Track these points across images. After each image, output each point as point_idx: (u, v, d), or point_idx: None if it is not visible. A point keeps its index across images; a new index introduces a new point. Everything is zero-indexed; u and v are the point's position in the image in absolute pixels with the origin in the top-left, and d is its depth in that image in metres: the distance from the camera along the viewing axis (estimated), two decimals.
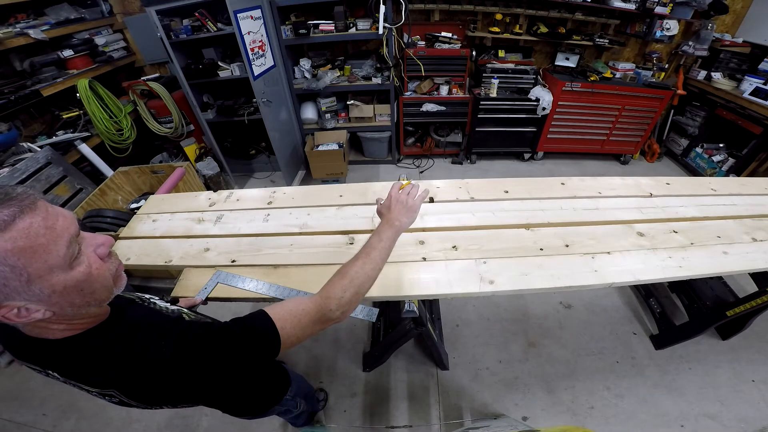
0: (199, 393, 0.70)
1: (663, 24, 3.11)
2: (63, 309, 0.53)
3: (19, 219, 0.46)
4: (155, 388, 0.63)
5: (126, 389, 0.61)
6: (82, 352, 0.59)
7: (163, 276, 2.36)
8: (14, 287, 0.47)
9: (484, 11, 3.20)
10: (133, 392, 0.62)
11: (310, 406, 1.54)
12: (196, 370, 0.62)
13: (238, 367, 0.65)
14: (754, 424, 1.70)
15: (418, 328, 1.52)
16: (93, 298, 0.56)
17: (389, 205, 0.92)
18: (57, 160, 2.31)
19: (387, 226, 0.86)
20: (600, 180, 1.61)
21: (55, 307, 0.52)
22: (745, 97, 3.00)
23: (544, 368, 1.95)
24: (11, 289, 0.47)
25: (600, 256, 1.21)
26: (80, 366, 0.60)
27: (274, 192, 1.56)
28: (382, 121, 3.64)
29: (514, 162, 3.97)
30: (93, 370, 0.60)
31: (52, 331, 0.57)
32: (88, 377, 0.61)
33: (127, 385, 0.61)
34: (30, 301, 0.49)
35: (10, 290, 0.47)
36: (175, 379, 0.62)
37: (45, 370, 0.63)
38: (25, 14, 2.58)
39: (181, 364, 0.60)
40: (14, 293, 0.47)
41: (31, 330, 0.57)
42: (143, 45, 3.31)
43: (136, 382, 0.61)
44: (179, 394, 0.67)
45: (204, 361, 0.62)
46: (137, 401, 0.65)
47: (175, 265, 1.23)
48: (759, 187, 1.63)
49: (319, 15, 3.16)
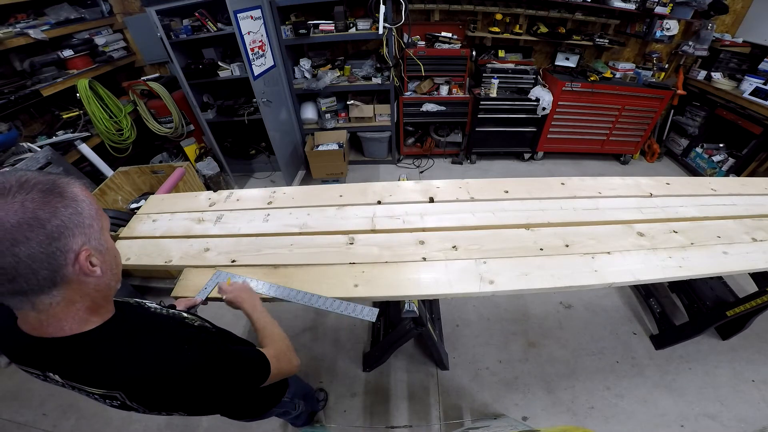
0: (210, 402, 0.69)
1: (663, 24, 3.11)
2: (105, 273, 0.58)
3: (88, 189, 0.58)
4: (172, 392, 0.62)
5: (134, 392, 0.60)
6: (88, 350, 0.58)
7: (163, 276, 2.36)
8: (95, 230, 0.56)
9: (484, 11, 3.20)
10: (141, 395, 0.61)
11: (309, 406, 1.54)
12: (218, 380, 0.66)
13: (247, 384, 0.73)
14: (754, 424, 1.70)
15: (418, 328, 1.52)
16: (118, 270, 0.63)
17: (237, 301, 1.00)
18: (57, 160, 2.31)
19: (253, 318, 0.96)
20: (600, 180, 1.61)
21: (105, 265, 0.58)
22: (745, 97, 3.00)
23: (544, 368, 1.95)
24: (93, 231, 0.56)
25: (600, 256, 1.21)
26: (85, 365, 0.59)
27: (274, 192, 1.56)
28: (382, 121, 3.64)
29: (514, 162, 3.97)
30: (99, 369, 0.59)
31: (71, 316, 0.56)
32: (92, 377, 0.59)
33: (137, 388, 0.60)
34: (96, 252, 0.56)
35: (92, 232, 0.55)
36: (195, 387, 0.63)
37: (44, 372, 0.61)
38: (25, 14, 2.58)
39: (209, 372, 0.65)
40: (93, 238, 0.55)
41: (45, 323, 0.56)
42: (143, 45, 3.31)
43: (150, 385, 0.60)
44: (191, 402, 0.66)
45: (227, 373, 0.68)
46: (143, 405, 0.64)
47: (175, 265, 1.23)
48: (759, 187, 1.63)
49: (319, 15, 3.16)
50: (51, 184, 0.51)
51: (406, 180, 1.66)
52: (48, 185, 0.50)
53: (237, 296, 0.99)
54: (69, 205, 0.51)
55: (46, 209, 0.49)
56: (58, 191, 0.51)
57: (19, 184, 0.48)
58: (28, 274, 0.48)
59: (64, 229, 0.50)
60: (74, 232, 0.52)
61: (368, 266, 1.18)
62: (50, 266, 0.50)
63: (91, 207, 0.55)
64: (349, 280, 1.13)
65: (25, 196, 0.48)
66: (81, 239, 0.53)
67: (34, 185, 0.49)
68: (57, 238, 0.50)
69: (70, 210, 0.51)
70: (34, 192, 0.49)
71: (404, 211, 1.40)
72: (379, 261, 1.20)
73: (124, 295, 2.20)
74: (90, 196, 0.57)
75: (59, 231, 0.50)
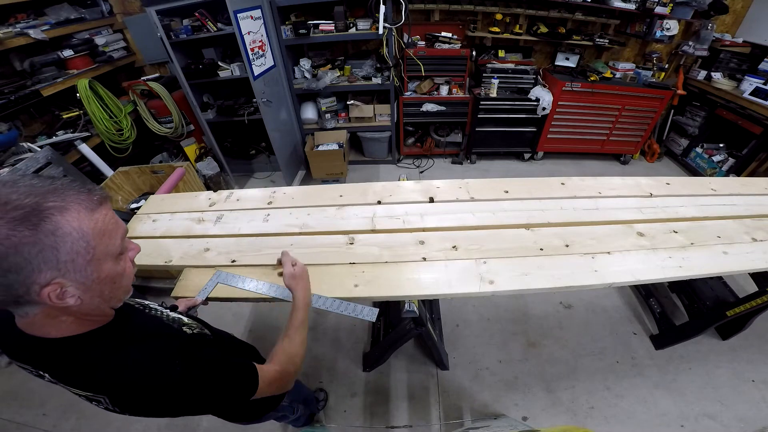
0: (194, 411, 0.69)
1: (663, 24, 3.11)
2: (92, 299, 0.55)
3: (102, 205, 0.54)
4: (155, 403, 0.62)
5: (118, 398, 0.60)
6: (78, 353, 0.58)
7: (163, 276, 2.36)
8: (78, 264, 0.50)
9: (484, 11, 3.20)
10: (124, 402, 0.61)
11: (309, 408, 1.54)
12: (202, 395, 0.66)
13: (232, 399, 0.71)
14: (754, 424, 1.70)
15: (418, 328, 1.52)
16: (116, 294, 0.59)
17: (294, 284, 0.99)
18: (57, 160, 2.30)
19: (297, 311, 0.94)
20: (600, 180, 1.60)
21: (87, 294, 0.54)
22: (745, 97, 3.00)
23: (544, 368, 1.95)
24: (74, 265, 0.50)
25: (600, 256, 1.21)
26: (70, 367, 0.59)
27: (274, 192, 1.55)
28: (382, 121, 3.64)
29: (514, 162, 3.97)
30: (84, 372, 0.58)
31: (56, 326, 0.56)
32: (78, 380, 0.59)
33: (121, 395, 0.60)
34: (76, 283, 0.51)
35: (72, 266, 0.50)
36: (181, 399, 0.63)
37: (37, 370, 0.62)
38: (25, 14, 2.58)
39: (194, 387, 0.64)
40: (73, 271, 0.50)
41: (32, 326, 0.56)
42: (143, 45, 3.31)
43: (134, 394, 0.60)
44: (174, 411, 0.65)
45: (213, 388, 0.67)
46: (126, 411, 0.63)
47: (175, 265, 1.23)
48: (759, 187, 1.63)
49: (319, 15, 3.16)
50: (30, 210, 0.46)
51: (406, 180, 1.66)
52: (24, 213, 0.46)
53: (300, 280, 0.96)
54: (40, 241, 0.46)
55: (6, 244, 0.44)
56: (33, 222, 0.46)
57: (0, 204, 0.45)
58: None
59: (25, 264, 0.46)
60: (41, 267, 0.47)
61: (368, 266, 1.18)
62: (8, 294, 0.48)
63: (76, 241, 0.49)
64: (349, 280, 1.13)
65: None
66: (51, 273, 0.48)
67: (12, 209, 0.45)
68: (16, 272, 0.46)
69: (39, 247, 0.46)
70: (6, 218, 0.45)
71: (404, 211, 1.40)
72: (379, 261, 1.20)
73: None
74: (85, 224, 0.50)
75: (18, 266, 0.46)
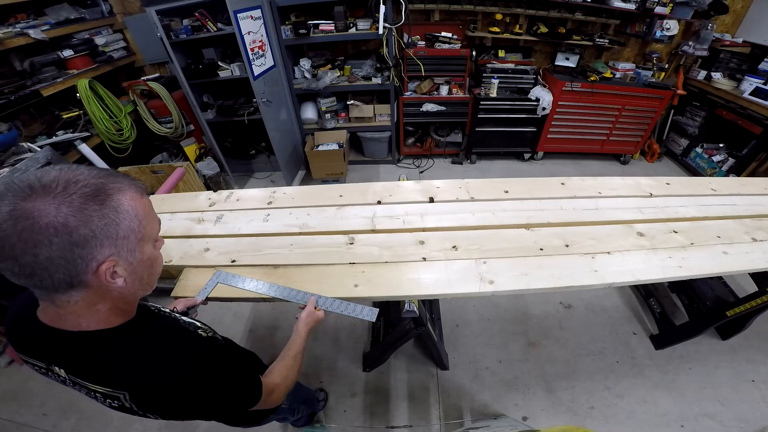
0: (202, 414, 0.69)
1: (663, 24, 3.11)
2: (133, 282, 0.58)
3: (146, 193, 0.60)
4: (173, 401, 0.62)
5: (140, 395, 0.60)
6: (102, 347, 0.59)
7: (163, 276, 2.35)
8: (130, 242, 0.55)
9: (484, 11, 3.20)
10: (145, 400, 0.61)
11: (309, 408, 1.54)
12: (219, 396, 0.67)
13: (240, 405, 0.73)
14: (754, 424, 1.70)
15: (418, 328, 1.51)
16: (151, 279, 0.64)
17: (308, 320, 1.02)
18: (57, 160, 2.30)
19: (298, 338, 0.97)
20: (600, 180, 1.60)
21: (131, 276, 0.57)
22: (745, 97, 3.00)
23: (544, 368, 1.95)
24: (128, 243, 0.55)
25: (600, 256, 1.21)
26: (95, 362, 0.59)
27: (274, 192, 1.55)
28: (382, 121, 3.64)
29: (514, 162, 3.97)
30: (110, 367, 0.59)
31: (90, 316, 0.57)
32: (100, 375, 0.59)
33: (144, 392, 0.60)
34: (125, 263, 0.55)
35: (125, 244, 0.54)
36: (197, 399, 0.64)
37: (49, 366, 0.61)
38: (25, 14, 2.57)
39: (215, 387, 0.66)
40: (126, 249, 0.55)
41: (64, 317, 0.57)
42: (143, 45, 3.31)
43: (158, 391, 0.60)
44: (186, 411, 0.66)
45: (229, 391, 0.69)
46: (141, 409, 0.63)
47: (175, 265, 1.23)
48: (759, 187, 1.63)
49: (319, 15, 3.16)
50: (97, 189, 0.51)
51: (406, 180, 1.66)
52: (93, 190, 0.50)
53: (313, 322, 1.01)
54: (106, 216, 0.51)
55: (79, 216, 0.48)
56: (101, 199, 0.51)
57: (65, 184, 0.49)
58: (43, 274, 0.49)
59: (91, 238, 0.50)
60: (103, 242, 0.51)
61: (368, 266, 1.18)
62: (68, 271, 0.50)
63: (133, 219, 0.54)
64: (349, 280, 1.13)
65: (64, 199, 0.48)
66: (109, 250, 0.52)
67: (80, 188, 0.49)
68: (82, 246, 0.49)
69: (105, 221, 0.51)
70: (75, 195, 0.49)
71: (404, 211, 1.40)
72: (379, 261, 1.20)
73: None
74: (138, 204, 0.56)
75: (85, 240, 0.49)
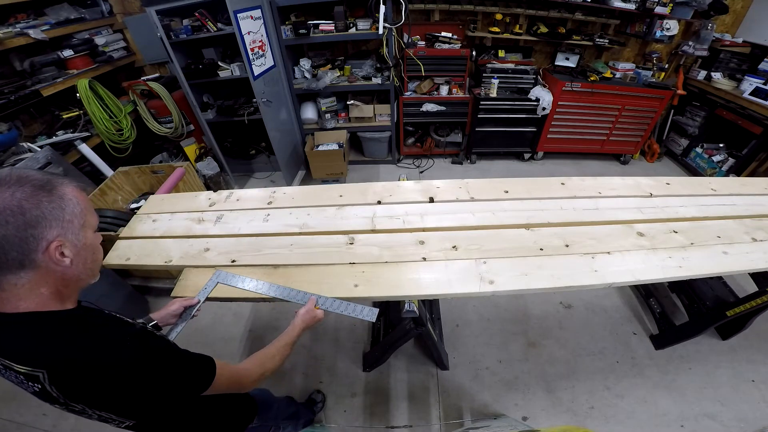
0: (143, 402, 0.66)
1: (663, 24, 3.11)
2: (77, 265, 0.64)
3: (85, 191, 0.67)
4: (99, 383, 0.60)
5: (58, 374, 0.58)
6: (30, 325, 0.59)
7: (163, 276, 2.36)
8: (74, 226, 0.62)
9: (484, 11, 3.20)
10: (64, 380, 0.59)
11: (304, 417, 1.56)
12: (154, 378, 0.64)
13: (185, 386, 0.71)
14: (754, 424, 1.70)
15: (418, 328, 1.52)
16: (94, 266, 0.70)
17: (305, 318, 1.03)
18: (57, 160, 2.30)
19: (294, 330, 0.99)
20: (600, 180, 1.60)
21: (77, 258, 0.63)
22: (745, 97, 3.00)
23: (544, 368, 1.95)
24: (72, 226, 0.62)
25: (600, 256, 1.21)
26: (21, 339, 0.59)
27: (274, 192, 1.56)
28: (382, 121, 3.64)
29: (514, 162, 3.97)
30: (32, 344, 0.58)
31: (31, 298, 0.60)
32: (22, 352, 0.58)
33: (63, 370, 0.58)
34: (71, 244, 0.62)
35: (70, 227, 0.61)
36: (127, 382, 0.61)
37: None
38: (25, 14, 2.58)
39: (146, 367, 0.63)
40: (71, 231, 0.62)
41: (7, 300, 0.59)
42: (143, 45, 3.31)
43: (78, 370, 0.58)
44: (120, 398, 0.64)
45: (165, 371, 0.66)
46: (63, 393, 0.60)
47: (175, 265, 1.23)
48: (759, 187, 1.63)
49: (319, 15, 3.16)
50: (44, 182, 0.59)
51: (406, 180, 1.66)
52: (41, 183, 0.59)
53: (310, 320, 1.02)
54: (53, 201, 0.59)
55: (31, 201, 0.57)
56: (48, 188, 0.59)
57: (18, 178, 0.57)
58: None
59: (42, 219, 0.57)
60: (52, 224, 0.59)
61: (368, 266, 1.18)
62: (21, 249, 0.56)
63: (76, 206, 0.63)
64: (349, 280, 1.13)
65: (18, 188, 0.56)
66: (57, 231, 0.59)
67: (30, 181, 0.58)
68: (34, 226, 0.57)
69: (53, 205, 0.59)
70: (26, 186, 0.57)
71: (404, 211, 1.40)
72: (379, 261, 1.20)
73: (125, 294, 2.20)
74: (79, 196, 0.64)
75: (37, 220, 0.57)
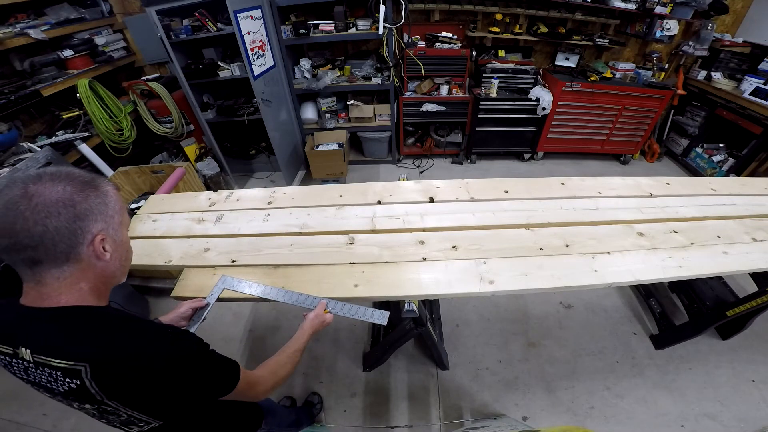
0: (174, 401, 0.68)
1: (663, 24, 3.11)
2: (114, 261, 0.68)
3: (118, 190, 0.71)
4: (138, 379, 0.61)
5: (101, 369, 0.59)
6: (73, 319, 0.61)
7: (163, 276, 2.36)
8: (115, 222, 0.67)
9: (484, 11, 3.20)
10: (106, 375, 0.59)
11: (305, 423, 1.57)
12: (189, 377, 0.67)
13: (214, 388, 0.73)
14: (754, 424, 1.70)
15: (418, 328, 1.51)
16: (126, 264, 0.73)
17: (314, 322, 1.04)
18: (57, 160, 2.30)
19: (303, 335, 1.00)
20: (600, 180, 1.60)
21: (115, 253, 0.67)
22: (745, 97, 3.00)
23: (544, 368, 1.95)
24: (113, 222, 0.67)
25: (600, 256, 1.21)
26: (61, 333, 0.60)
27: (274, 192, 1.55)
28: (382, 121, 3.64)
29: (514, 162, 3.97)
30: (74, 337, 0.60)
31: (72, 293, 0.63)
32: (63, 347, 0.59)
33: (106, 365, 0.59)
34: (111, 240, 0.66)
35: (112, 222, 0.66)
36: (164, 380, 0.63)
37: (16, 348, 0.61)
38: (25, 14, 2.57)
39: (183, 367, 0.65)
40: (112, 227, 0.66)
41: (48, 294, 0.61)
42: (143, 45, 3.31)
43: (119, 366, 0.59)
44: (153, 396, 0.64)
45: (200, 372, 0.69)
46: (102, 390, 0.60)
47: (175, 265, 1.23)
48: (759, 187, 1.63)
49: (319, 15, 3.16)
50: (90, 178, 0.65)
51: (406, 180, 1.66)
52: (88, 179, 0.64)
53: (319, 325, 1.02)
54: (99, 196, 0.64)
55: (80, 194, 0.61)
56: (94, 185, 0.64)
57: (66, 174, 0.62)
58: (49, 244, 0.57)
59: (89, 212, 0.62)
60: (97, 218, 0.63)
61: (368, 266, 1.18)
62: (69, 241, 0.59)
63: (116, 203, 0.67)
64: (349, 280, 1.13)
65: (68, 182, 0.61)
66: (101, 225, 0.64)
67: (78, 177, 0.63)
68: (82, 219, 0.60)
69: (99, 200, 0.63)
70: (76, 181, 0.62)
71: (404, 211, 1.40)
72: (379, 261, 1.20)
73: (125, 295, 2.20)
74: (118, 195, 0.69)
75: (85, 213, 0.61)
